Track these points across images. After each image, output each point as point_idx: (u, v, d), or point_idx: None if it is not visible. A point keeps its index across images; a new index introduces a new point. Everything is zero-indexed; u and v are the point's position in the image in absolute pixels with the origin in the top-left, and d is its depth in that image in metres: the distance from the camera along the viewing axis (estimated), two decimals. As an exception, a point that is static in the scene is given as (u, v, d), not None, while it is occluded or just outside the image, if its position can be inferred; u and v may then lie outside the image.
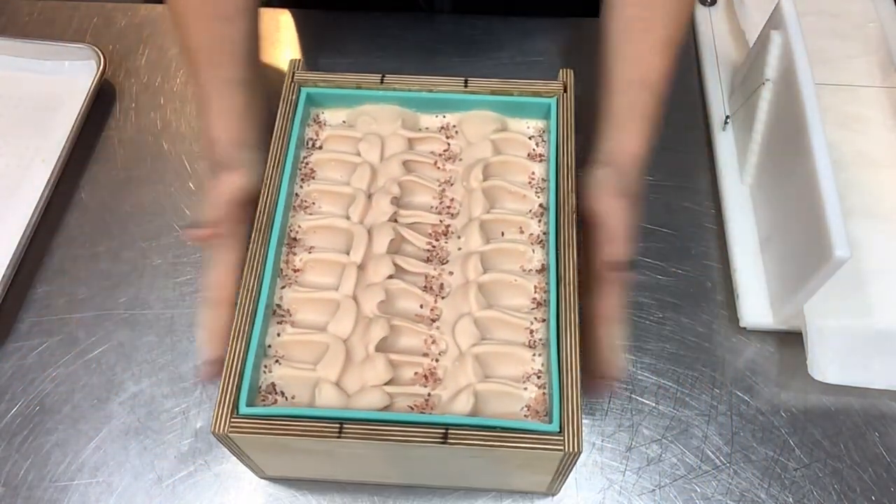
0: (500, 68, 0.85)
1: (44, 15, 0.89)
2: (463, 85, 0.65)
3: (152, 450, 0.64)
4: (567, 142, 0.61)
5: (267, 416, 0.50)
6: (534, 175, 0.63)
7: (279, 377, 0.54)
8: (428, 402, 0.53)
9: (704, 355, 0.68)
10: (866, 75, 0.81)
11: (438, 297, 0.58)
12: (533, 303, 0.57)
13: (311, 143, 0.65)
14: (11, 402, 0.66)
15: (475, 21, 0.89)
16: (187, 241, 0.52)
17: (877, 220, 0.72)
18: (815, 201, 0.59)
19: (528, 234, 0.60)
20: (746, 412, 0.65)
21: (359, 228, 0.59)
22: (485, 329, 0.56)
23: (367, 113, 0.65)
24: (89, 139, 0.80)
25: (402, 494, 0.61)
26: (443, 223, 0.61)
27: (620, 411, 0.65)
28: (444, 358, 0.55)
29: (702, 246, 0.74)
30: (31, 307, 0.70)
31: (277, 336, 0.56)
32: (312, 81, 0.65)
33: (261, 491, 0.62)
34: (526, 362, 0.55)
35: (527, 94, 0.64)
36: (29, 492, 0.62)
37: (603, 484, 0.62)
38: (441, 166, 0.64)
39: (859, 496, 0.62)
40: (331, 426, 0.50)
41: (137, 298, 0.71)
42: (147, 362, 0.68)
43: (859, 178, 0.74)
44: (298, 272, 0.59)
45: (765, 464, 0.63)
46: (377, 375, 0.53)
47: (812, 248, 0.59)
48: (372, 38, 0.88)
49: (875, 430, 0.65)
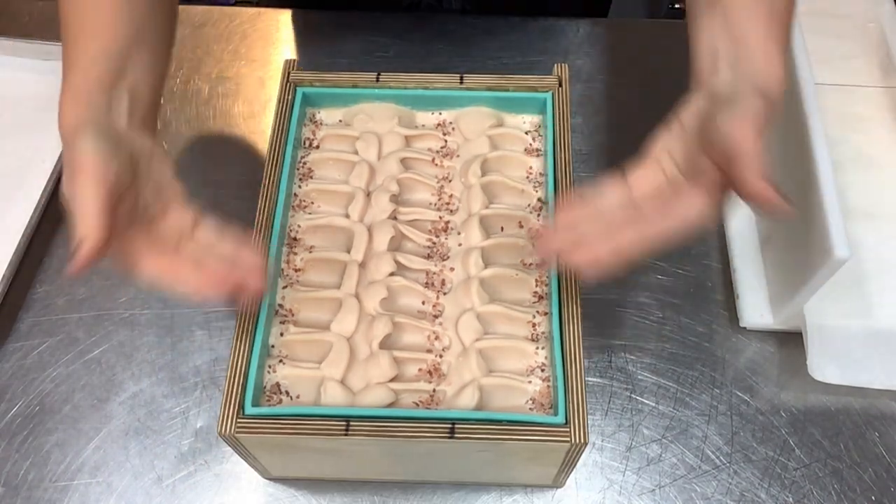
0: (499, 68, 0.85)
1: (44, 15, 0.89)
2: (459, 81, 0.65)
3: (152, 450, 0.64)
4: (564, 136, 0.61)
5: (273, 416, 0.50)
6: (531, 170, 0.63)
7: (284, 377, 0.54)
8: (433, 398, 0.54)
9: (704, 355, 0.68)
10: (866, 75, 0.81)
11: (440, 293, 0.58)
12: (534, 296, 0.57)
13: (308, 143, 0.65)
14: (11, 402, 0.66)
15: (475, 21, 0.89)
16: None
17: (877, 220, 0.72)
18: (815, 201, 0.59)
19: (527, 229, 0.60)
20: (746, 412, 0.65)
21: (359, 227, 0.59)
22: (487, 324, 0.56)
23: (363, 111, 0.66)
24: (89, 139, 0.80)
25: (402, 493, 0.62)
26: (442, 219, 0.61)
27: (620, 411, 0.65)
28: (447, 353, 0.55)
29: (702, 246, 0.74)
30: (31, 307, 0.70)
31: (281, 336, 0.56)
32: (308, 81, 0.65)
33: (261, 491, 0.62)
34: (529, 356, 0.55)
35: (522, 89, 0.65)
36: (29, 492, 0.62)
37: (603, 484, 0.62)
38: (439, 163, 0.64)
39: (859, 496, 0.62)
40: (337, 424, 0.50)
41: (137, 298, 0.71)
42: (147, 362, 0.67)
43: (859, 178, 0.74)
44: (299, 272, 0.59)
45: (765, 464, 0.63)
46: (382, 372, 0.53)
47: (812, 248, 0.59)
48: (372, 38, 0.88)
49: (875, 430, 0.65)
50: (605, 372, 0.67)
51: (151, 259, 0.48)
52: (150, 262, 0.48)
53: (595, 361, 0.68)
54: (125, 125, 0.50)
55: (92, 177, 0.45)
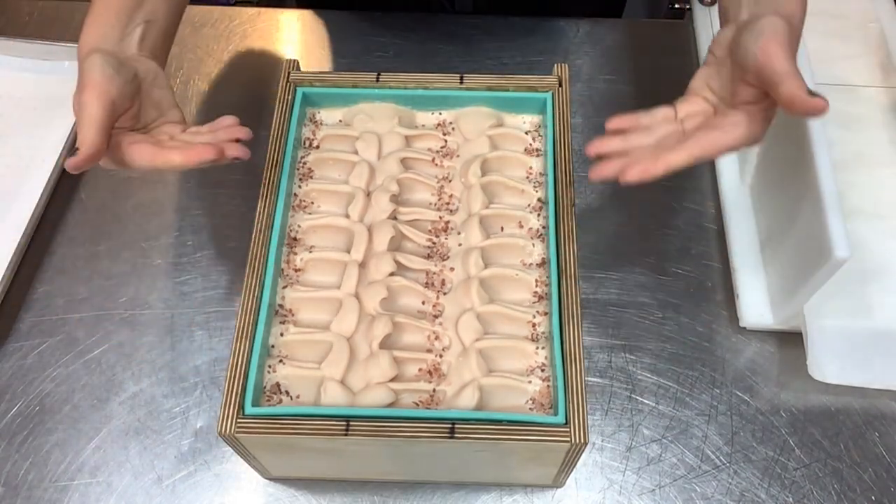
0: (499, 68, 0.85)
1: (44, 15, 0.89)
2: (459, 81, 0.65)
3: (152, 450, 0.64)
4: (564, 136, 0.61)
5: (273, 416, 0.50)
6: (531, 170, 0.63)
7: (284, 377, 0.55)
8: (433, 398, 0.54)
9: (704, 355, 0.68)
10: (866, 75, 0.81)
11: (440, 293, 0.58)
12: (534, 296, 0.58)
13: (308, 143, 0.65)
14: (11, 402, 0.66)
15: (475, 21, 0.89)
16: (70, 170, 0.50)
17: (877, 220, 0.72)
18: (815, 201, 0.59)
19: (527, 229, 0.61)
20: (746, 412, 0.65)
21: (359, 227, 0.59)
22: (487, 324, 0.56)
23: (363, 111, 0.66)
24: (89, 139, 0.80)
25: (402, 493, 0.62)
26: (442, 219, 0.61)
27: (620, 411, 0.65)
28: (447, 353, 0.55)
29: (702, 246, 0.74)
30: (31, 307, 0.70)
31: (281, 336, 0.56)
32: (308, 81, 0.65)
33: (261, 491, 0.62)
34: (529, 356, 0.55)
35: (522, 89, 0.65)
36: (29, 492, 0.62)
37: (603, 484, 0.62)
38: (439, 163, 0.64)
39: (859, 496, 0.62)
40: (337, 424, 0.50)
41: (137, 298, 0.71)
42: (147, 362, 0.67)
43: (859, 178, 0.74)
44: (300, 272, 0.59)
45: (765, 464, 0.63)
46: (382, 372, 0.53)
47: (812, 248, 0.59)
48: (372, 38, 0.88)
49: (875, 430, 0.65)
50: (605, 372, 0.67)
51: (144, 147, 0.53)
52: (141, 150, 0.53)
53: (595, 361, 0.68)
54: (135, 51, 0.57)
55: (96, 92, 0.51)
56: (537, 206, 0.61)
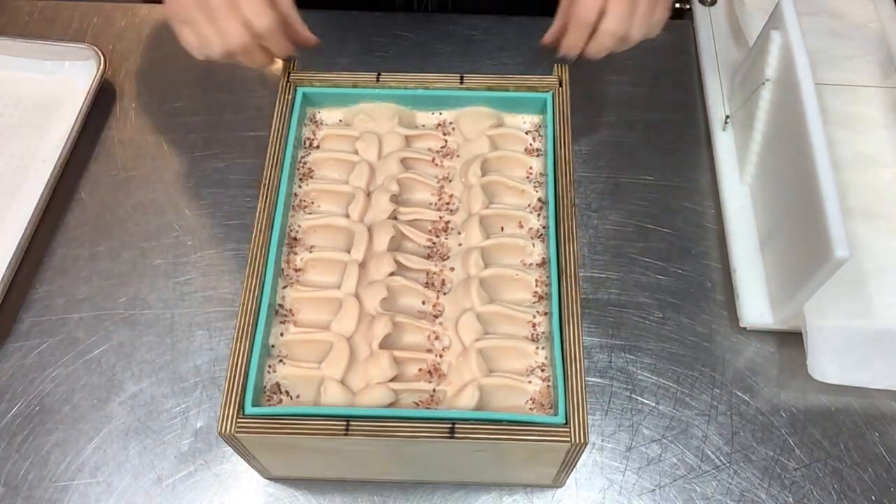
0: (499, 68, 0.85)
1: (44, 15, 0.89)
2: (459, 81, 0.65)
3: (152, 450, 0.64)
4: (564, 136, 0.62)
5: (273, 416, 0.50)
6: (531, 170, 0.63)
7: (284, 377, 0.55)
8: (433, 398, 0.54)
9: (704, 355, 0.68)
10: (866, 75, 0.81)
11: (440, 293, 0.58)
12: (534, 296, 0.58)
13: (308, 143, 0.65)
14: (11, 402, 0.66)
15: (475, 21, 0.89)
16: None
17: (877, 220, 0.72)
18: (814, 201, 0.59)
19: (527, 229, 0.61)
20: (746, 412, 0.65)
21: (359, 227, 0.59)
22: (487, 324, 0.56)
23: (363, 111, 0.66)
24: (89, 139, 0.80)
25: (402, 493, 0.62)
26: (442, 219, 0.61)
27: (620, 411, 0.65)
28: (447, 353, 0.55)
29: (702, 246, 0.74)
30: (31, 307, 0.70)
31: (281, 336, 0.56)
32: (308, 81, 0.65)
33: (261, 491, 0.62)
34: (529, 356, 0.55)
35: (522, 89, 0.65)
36: (29, 492, 0.62)
37: (603, 484, 0.62)
38: (439, 163, 0.64)
39: (859, 496, 0.62)
40: (337, 424, 0.50)
41: (137, 298, 0.71)
42: (147, 362, 0.67)
43: (859, 178, 0.74)
44: (300, 271, 0.59)
45: (765, 464, 0.63)
46: (382, 372, 0.53)
47: (812, 248, 0.59)
48: (372, 38, 0.88)
49: (875, 430, 0.65)
50: (605, 372, 0.67)
51: None
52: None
53: (595, 361, 0.68)
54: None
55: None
56: (537, 206, 0.62)
